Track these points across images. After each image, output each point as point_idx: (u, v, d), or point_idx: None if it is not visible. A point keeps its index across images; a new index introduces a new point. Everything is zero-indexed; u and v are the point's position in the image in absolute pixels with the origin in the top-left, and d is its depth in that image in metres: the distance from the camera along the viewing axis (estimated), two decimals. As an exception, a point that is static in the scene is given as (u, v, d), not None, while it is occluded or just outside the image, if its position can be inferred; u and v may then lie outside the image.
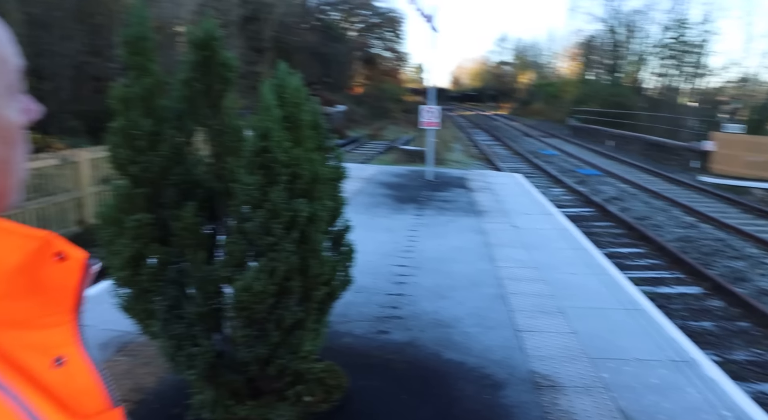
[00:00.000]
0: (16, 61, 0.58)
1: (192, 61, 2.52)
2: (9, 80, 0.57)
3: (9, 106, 0.57)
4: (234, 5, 25.90)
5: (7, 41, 0.58)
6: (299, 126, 2.37)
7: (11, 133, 0.57)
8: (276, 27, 29.98)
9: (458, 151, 24.61)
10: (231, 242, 2.34)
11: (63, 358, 0.54)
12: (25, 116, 0.60)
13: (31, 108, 0.61)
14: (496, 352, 4.10)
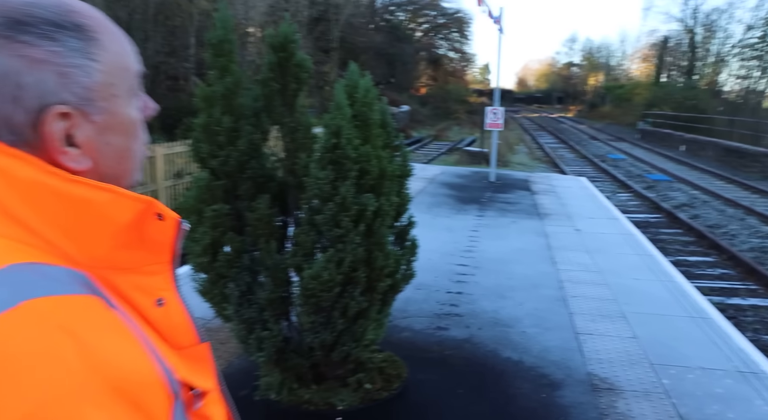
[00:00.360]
0: (137, 67, 0.71)
1: (270, 62, 2.68)
2: (130, 84, 0.68)
3: (130, 104, 0.68)
4: (303, 6, 26.49)
5: (130, 50, 0.70)
6: (369, 124, 2.49)
7: (133, 127, 0.69)
8: (343, 27, 30.45)
9: (522, 154, 24.32)
10: (301, 233, 2.48)
11: (163, 299, 0.66)
12: (144, 113, 0.72)
13: (149, 106, 0.74)
14: (554, 353, 4.11)
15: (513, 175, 13.18)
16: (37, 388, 0.46)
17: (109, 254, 0.62)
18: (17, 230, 0.58)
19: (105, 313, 0.54)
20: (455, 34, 52.71)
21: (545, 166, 20.82)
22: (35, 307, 0.49)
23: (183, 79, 20.28)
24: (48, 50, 0.60)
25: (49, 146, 0.61)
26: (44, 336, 0.48)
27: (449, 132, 32.31)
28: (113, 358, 0.50)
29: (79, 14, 0.63)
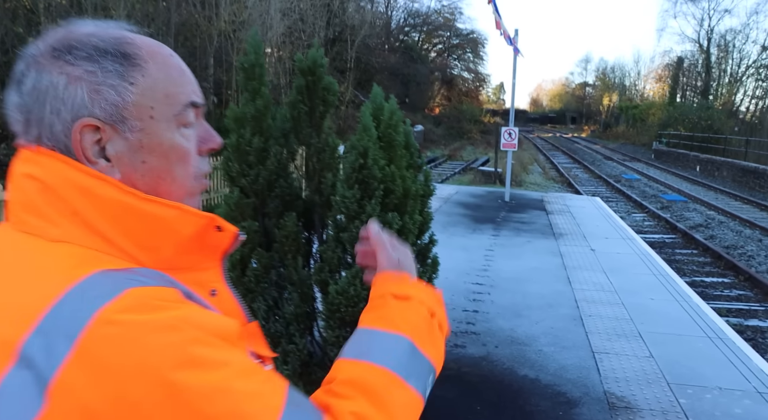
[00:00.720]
0: (187, 98, 0.76)
1: (298, 85, 2.80)
2: (174, 111, 0.73)
3: (172, 130, 0.73)
4: (320, 28, 26.91)
5: (182, 82, 0.77)
6: (393, 146, 2.60)
7: (174, 152, 0.74)
8: (359, 48, 30.85)
9: (536, 173, 24.34)
10: (327, 250, 2.58)
11: (216, 290, 0.77)
12: (203, 145, 0.79)
13: (209, 139, 0.79)
14: (571, 371, 4.14)
15: (527, 195, 13.23)
16: (164, 343, 0.58)
17: (172, 258, 0.72)
18: (97, 241, 0.68)
19: (179, 296, 0.65)
20: (469, 54, 53.17)
21: (559, 186, 20.83)
22: (137, 293, 0.61)
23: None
24: (85, 70, 0.69)
25: (78, 154, 0.69)
26: (148, 307, 0.60)
27: (463, 152, 32.43)
28: (204, 319, 0.63)
29: (131, 45, 0.72)
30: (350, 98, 27.43)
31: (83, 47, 0.70)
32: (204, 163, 0.80)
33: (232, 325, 0.66)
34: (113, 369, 0.56)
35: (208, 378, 0.59)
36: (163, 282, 0.66)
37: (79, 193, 0.68)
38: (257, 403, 0.62)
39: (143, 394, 0.56)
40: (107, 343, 0.57)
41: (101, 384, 0.56)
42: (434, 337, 0.87)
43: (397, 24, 44.58)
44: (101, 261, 0.66)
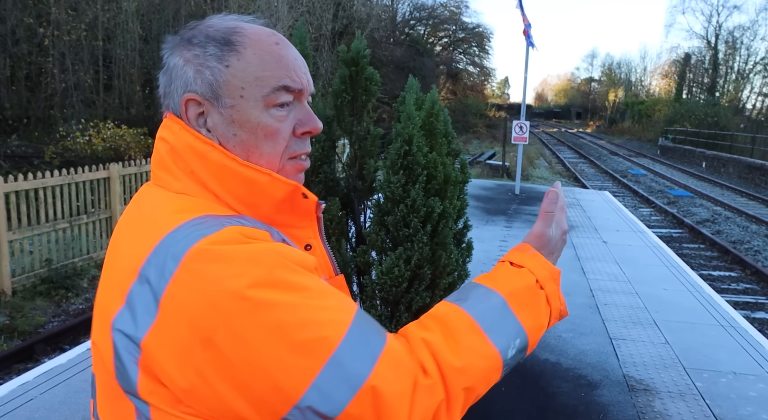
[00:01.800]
0: (280, 82, 0.83)
1: (341, 75, 2.93)
2: (264, 92, 0.83)
3: (260, 109, 0.83)
4: (327, 21, 26.95)
5: (277, 68, 0.83)
6: (435, 133, 2.73)
7: (262, 130, 0.83)
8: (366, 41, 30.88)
9: (543, 168, 24.44)
10: (372, 233, 2.71)
11: (310, 245, 0.91)
12: (299, 127, 0.86)
13: (306, 123, 0.87)
14: (590, 356, 4.29)
15: (537, 189, 13.35)
16: (254, 265, 0.70)
17: (271, 216, 0.85)
18: (209, 195, 0.82)
19: (271, 239, 0.78)
20: (475, 48, 53.09)
21: (566, 180, 20.93)
22: (235, 229, 0.74)
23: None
24: (194, 53, 0.84)
25: (186, 122, 0.85)
26: (241, 240, 0.72)
27: (469, 146, 32.52)
28: (288, 251, 0.75)
29: (238, 34, 0.84)
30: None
31: (198, 35, 0.85)
32: (301, 144, 0.88)
33: (310, 260, 0.78)
34: (207, 284, 0.68)
35: (285, 294, 0.69)
36: (260, 226, 0.79)
37: (194, 155, 0.83)
38: (328, 315, 0.71)
39: (231, 305, 0.67)
40: (204, 263, 0.68)
41: (198, 296, 0.67)
42: (535, 305, 0.89)
43: (402, 17, 44.56)
44: (212, 209, 0.80)
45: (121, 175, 8.58)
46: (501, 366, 0.84)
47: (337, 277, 0.95)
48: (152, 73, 17.45)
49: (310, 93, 0.90)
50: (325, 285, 0.77)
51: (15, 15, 14.96)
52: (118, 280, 0.74)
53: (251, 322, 0.67)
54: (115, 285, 0.75)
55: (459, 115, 41.82)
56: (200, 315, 0.67)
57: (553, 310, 0.93)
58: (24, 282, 6.86)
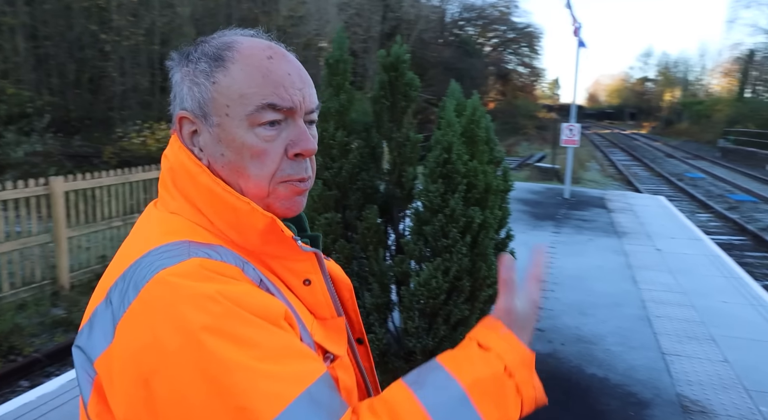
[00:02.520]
0: (263, 100, 0.77)
1: (381, 81, 2.86)
2: (248, 111, 0.77)
3: (245, 128, 0.78)
4: (375, 22, 27.01)
5: (257, 82, 0.78)
6: (475, 141, 2.62)
7: (247, 150, 0.78)
8: (414, 42, 30.78)
9: (594, 170, 23.82)
10: (410, 242, 2.63)
11: (309, 280, 0.83)
12: (292, 148, 0.80)
13: (297, 142, 0.80)
14: (640, 371, 4.08)
15: (587, 193, 12.98)
16: (201, 312, 0.66)
17: (260, 247, 0.79)
18: (202, 219, 0.80)
19: (238, 274, 0.73)
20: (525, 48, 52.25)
21: (618, 183, 20.31)
22: (198, 262, 0.71)
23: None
24: (189, 69, 0.82)
25: (182, 141, 0.83)
26: (199, 276, 0.69)
27: (518, 148, 32.01)
28: (247, 298, 0.70)
29: (229, 49, 0.80)
30: (405, 92, 27.43)
31: (196, 51, 0.82)
32: (296, 167, 0.81)
33: (276, 308, 0.72)
34: (156, 321, 0.66)
35: (229, 349, 0.64)
36: (233, 260, 0.74)
37: (187, 176, 0.81)
38: (268, 386, 0.65)
39: (172, 349, 0.64)
40: (157, 297, 0.67)
41: (146, 332, 0.66)
42: (501, 396, 0.77)
43: (451, 18, 44.21)
44: (196, 233, 0.77)
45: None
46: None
47: (337, 319, 0.87)
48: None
49: (308, 110, 0.83)
50: (283, 343, 0.70)
51: (81, 23, 15.58)
52: (94, 297, 0.75)
53: (186, 374, 0.64)
54: (92, 301, 0.75)
55: (508, 117, 41.21)
56: (143, 352, 0.66)
57: (526, 399, 0.81)
58: (81, 277, 7.10)
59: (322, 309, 0.85)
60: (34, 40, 15.09)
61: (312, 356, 0.73)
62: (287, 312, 0.74)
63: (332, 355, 0.81)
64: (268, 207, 0.81)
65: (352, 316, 1.03)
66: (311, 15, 22.49)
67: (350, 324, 1.03)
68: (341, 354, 0.84)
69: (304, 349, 0.72)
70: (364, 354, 1.04)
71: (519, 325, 0.85)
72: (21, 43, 14.46)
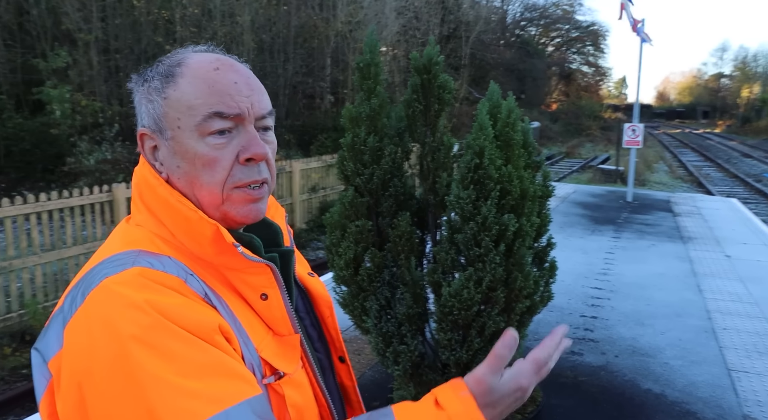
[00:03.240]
0: (210, 109, 0.79)
1: (413, 84, 2.77)
2: (197, 121, 0.79)
3: (195, 139, 0.80)
4: (434, 25, 26.89)
5: (203, 93, 0.80)
6: (511, 145, 2.50)
7: (199, 160, 0.80)
8: (473, 44, 30.47)
9: (662, 172, 22.84)
10: (441, 251, 2.53)
11: (266, 294, 0.83)
12: (243, 154, 0.81)
13: (247, 147, 0.81)
14: (702, 389, 3.81)
15: (652, 195, 12.41)
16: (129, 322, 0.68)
17: (216, 257, 0.80)
18: (163, 230, 0.82)
19: (177, 285, 0.74)
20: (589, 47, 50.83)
21: (688, 185, 19.38)
22: (139, 271, 0.73)
23: (319, 97, 21.34)
24: (143, 88, 0.85)
25: (144, 156, 0.86)
26: (135, 284, 0.71)
27: (581, 149, 31.10)
28: (176, 310, 0.70)
29: (180, 66, 0.82)
30: (464, 95, 27.17)
31: (151, 71, 0.86)
32: (247, 172, 0.82)
33: (207, 323, 0.72)
34: (93, 324, 0.69)
35: (152, 361, 0.66)
36: (175, 271, 0.76)
37: (148, 189, 0.84)
38: (183, 403, 0.65)
39: (101, 356, 0.67)
40: (96, 303, 0.70)
41: (86, 333, 0.69)
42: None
43: (513, 18, 43.52)
44: (152, 244, 0.80)
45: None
46: None
47: (292, 336, 0.86)
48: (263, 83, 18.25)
49: (258, 116, 0.84)
50: (208, 359, 0.69)
51: (148, 35, 16.27)
52: (59, 303, 0.78)
53: (111, 381, 0.66)
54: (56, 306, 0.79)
55: (571, 118, 40.14)
56: (80, 356, 0.69)
57: None
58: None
59: (278, 325, 0.85)
60: (106, 54, 15.84)
61: (241, 377, 0.72)
62: (222, 326, 0.74)
63: (281, 372, 0.81)
64: (225, 215, 0.83)
65: (333, 334, 1.03)
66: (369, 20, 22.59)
67: (330, 342, 1.03)
68: (290, 371, 0.83)
69: (232, 369, 0.71)
70: (346, 373, 1.05)
71: (488, 401, 0.78)
72: (94, 57, 15.20)
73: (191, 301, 0.74)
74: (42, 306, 6.06)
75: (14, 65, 13.72)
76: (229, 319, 0.77)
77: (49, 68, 13.03)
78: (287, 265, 0.93)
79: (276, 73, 18.23)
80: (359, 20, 22.03)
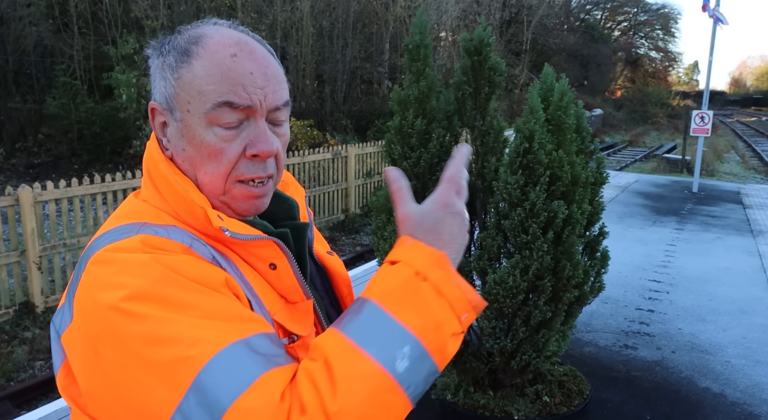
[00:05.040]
0: (220, 98, 0.77)
1: (463, 66, 2.71)
2: (206, 109, 0.78)
3: (203, 126, 0.79)
4: (495, 9, 26.34)
5: (216, 79, 0.78)
6: (563, 129, 2.42)
7: (205, 148, 0.80)
8: (535, 29, 29.70)
9: (733, 162, 21.75)
10: (488, 237, 2.48)
11: (275, 264, 0.83)
12: (250, 149, 0.80)
13: (255, 142, 0.80)
14: (767, 391, 3.62)
15: (720, 186, 11.83)
16: (135, 276, 0.69)
17: (217, 234, 0.80)
18: (167, 206, 0.82)
19: (181, 250, 0.75)
20: (659, 31, 48.71)
21: (762, 176, 18.38)
22: (142, 238, 0.75)
23: (377, 83, 21.32)
24: (159, 61, 0.83)
25: (154, 130, 0.86)
26: (138, 250, 0.73)
27: (646, 137, 29.96)
28: (184, 265, 0.72)
29: (197, 44, 0.80)
30: (525, 81, 26.57)
31: (167, 43, 0.84)
32: (252, 167, 0.81)
33: (215, 275, 0.73)
34: (95, 291, 0.70)
35: (165, 309, 0.67)
36: (179, 237, 0.77)
37: (153, 164, 0.84)
38: (200, 333, 0.66)
39: (109, 315, 0.68)
40: (97, 269, 0.72)
41: (90, 302, 0.70)
42: (418, 301, 0.73)
43: (577, 2, 42.12)
44: (158, 218, 0.80)
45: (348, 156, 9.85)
46: (394, 383, 0.68)
47: (305, 303, 0.86)
48: (322, 68, 18.35)
49: (272, 108, 0.82)
50: (221, 304, 0.71)
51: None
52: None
53: (122, 336, 0.67)
54: None
55: (637, 105, 38.64)
56: (89, 320, 0.70)
57: (454, 301, 0.75)
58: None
59: (290, 293, 0.85)
60: (171, 40, 16.33)
61: (255, 318, 0.73)
62: (229, 280, 0.75)
63: (296, 335, 0.82)
64: (226, 204, 0.84)
65: None
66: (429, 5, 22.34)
67: None
68: (304, 334, 0.83)
69: (245, 312, 0.72)
70: None
71: (424, 229, 0.81)
72: (159, 43, 15.69)
73: (197, 259, 0.75)
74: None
75: (87, 52, 14.31)
76: (239, 279, 0.78)
77: (118, 54, 13.50)
78: (301, 239, 0.93)
79: (334, 59, 18.30)
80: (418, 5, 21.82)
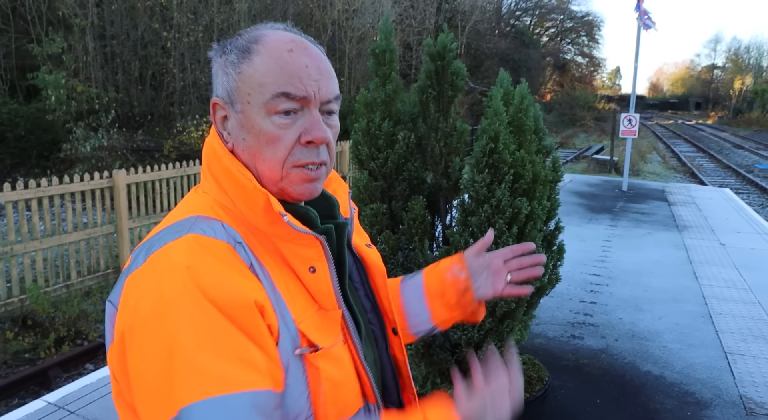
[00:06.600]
0: (278, 89, 0.83)
1: (427, 70, 2.83)
2: (265, 99, 0.84)
3: (263, 116, 0.84)
4: (430, 14, 26.80)
5: (274, 72, 0.83)
6: (523, 130, 2.57)
7: (264, 136, 0.84)
8: (469, 34, 30.43)
9: (655, 162, 23.00)
10: (455, 233, 2.60)
11: (315, 268, 0.86)
12: (305, 136, 0.85)
13: (309, 130, 0.85)
14: (699, 370, 3.92)
15: (647, 185, 12.54)
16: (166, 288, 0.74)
17: (269, 227, 0.84)
18: (225, 198, 0.87)
19: (225, 251, 0.79)
20: (584, 38, 50.90)
21: (681, 175, 19.56)
22: (191, 238, 0.79)
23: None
24: (221, 60, 0.89)
25: (215, 125, 0.91)
26: (186, 250, 0.77)
27: (575, 139, 31.23)
28: (211, 281, 0.75)
29: (257, 43, 0.86)
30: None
31: (229, 44, 0.90)
32: (307, 153, 0.86)
33: (243, 297, 0.75)
34: (143, 285, 0.76)
35: (183, 328, 0.71)
36: (225, 237, 0.81)
37: (214, 157, 0.89)
38: (194, 374, 0.69)
39: (144, 310, 0.74)
40: (153, 265, 0.77)
41: (135, 291, 0.76)
42: None
43: (507, 8, 43.44)
44: (213, 211, 0.85)
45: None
46: None
47: (335, 311, 0.88)
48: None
49: (324, 101, 0.87)
50: (229, 341, 0.73)
51: (144, 21, 16.16)
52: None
53: (142, 339, 0.73)
54: None
55: (566, 108, 40.24)
56: (127, 311, 0.76)
57: None
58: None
59: (323, 299, 0.87)
60: (101, 40, 15.73)
61: (255, 367, 0.74)
62: (258, 301, 0.77)
63: (318, 346, 0.83)
64: (282, 191, 0.87)
65: (386, 305, 1.05)
66: (366, 8, 22.51)
67: (384, 313, 1.05)
68: (327, 345, 0.84)
69: (249, 357, 0.73)
70: (398, 345, 1.06)
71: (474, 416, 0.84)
72: (90, 42, 15.09)
73: (232, 272, 0.77)
74: (43, 291, 6.11)
75: (8, 50, 13.61)
76: (269, 290, 0.80)
77: (43, 54, 12.93)
78: (341, 236, 0.95)
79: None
80: (356, 8, 21.95)
